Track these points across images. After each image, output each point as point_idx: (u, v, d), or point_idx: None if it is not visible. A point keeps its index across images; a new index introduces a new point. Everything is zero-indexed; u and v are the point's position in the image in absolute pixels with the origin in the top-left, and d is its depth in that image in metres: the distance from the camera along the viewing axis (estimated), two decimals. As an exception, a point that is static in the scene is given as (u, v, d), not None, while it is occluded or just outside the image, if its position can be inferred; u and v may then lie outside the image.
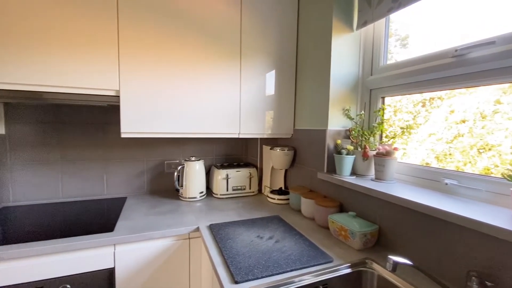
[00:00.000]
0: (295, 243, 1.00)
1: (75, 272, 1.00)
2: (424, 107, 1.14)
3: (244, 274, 0.78)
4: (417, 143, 1.16)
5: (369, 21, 1.20)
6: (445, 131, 1.05)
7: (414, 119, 1.17)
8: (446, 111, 1.05)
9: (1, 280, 0.92)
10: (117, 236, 1.05)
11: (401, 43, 1.23)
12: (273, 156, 1.54)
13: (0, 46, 1.03)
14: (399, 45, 1.24)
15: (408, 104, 1.21)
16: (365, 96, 1.31)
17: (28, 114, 1.43)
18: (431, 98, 1.11)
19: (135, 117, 1.23)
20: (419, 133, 1.13)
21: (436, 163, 1.07)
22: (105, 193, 1.61)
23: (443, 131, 1.06)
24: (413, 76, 1.04)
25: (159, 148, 1.73)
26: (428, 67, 0.98)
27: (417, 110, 1.17)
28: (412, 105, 1.19)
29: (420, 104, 1.16)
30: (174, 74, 1.29)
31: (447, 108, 1.05)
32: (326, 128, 1.26)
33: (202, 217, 1.27)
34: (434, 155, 1.08)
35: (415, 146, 1.16)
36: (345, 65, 1.28)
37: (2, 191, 1.41)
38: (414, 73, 1.03)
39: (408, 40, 1.21)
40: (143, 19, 1.21)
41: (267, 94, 1.50)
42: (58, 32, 1.10)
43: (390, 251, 0.97)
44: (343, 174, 1.18)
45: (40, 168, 1.47)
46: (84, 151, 1.55)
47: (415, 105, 1.18)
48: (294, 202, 1.38)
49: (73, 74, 1.13)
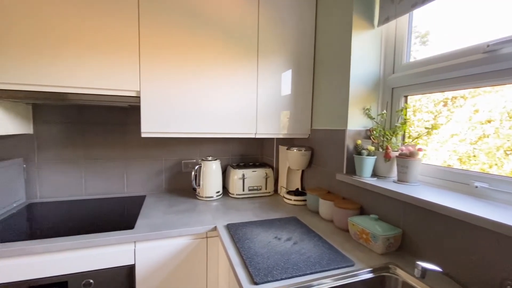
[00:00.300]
0: (314, 245, 0.97)
1: (97, 268, 1.03)
2: (445, 107, 1.09)
3: (263, 275, 0.77)
4: (438, 144, 1.11)
5: (392, 17, 1.16)
6: (469, 132, 0.99)
7: (435, 119, 1.12)
8: (470, 111, 1.00)
9: (29, 274, 0.96)
10: (137, 233, 1.07)
11: (421, 40, 1.18)
12: (289, 156, 1.52)
13: (27, 51, 1.08)
14: (418, 42, 1.19)
15: (428, 104, 1.16)
16: (386, 95, 1.26)
17: (54, 114, 1.50)
18: (453, 97, 1.06)
19: (154, 117, 1.26)
20: (440, 134, 1.08)
21: (458, 165, 1.02)
22: (125, 191, 1.65)
23: (466, 131, 1.00)
24: (440, 73, 0.99)
25: (176, 147, 1.75)
26: (457, 64, 0.93)
27: (438, 110, 1.12)
28: (433, 105, 1.14)
29: (442, 103, 1.11)
30: (192, 75, 1.30)
31: (471, 108, 0.99)
32: (346, 128, 1.23)
33: (219, 217, 1.28)
34: (457, 156, 1.03)
35: (435, 147, 1.11)
36: (366, 63, 1.25)
37: (30, 188, 1.48)
38: (441, 70, 0.98)
39: (428, 37, 1.16)
40: (162, 21, 1.23)
41: (284, 93, 1.48)
42: (81, 36, 1.14)
43: (415, 256, 0.93)
44: (363, 176, 1.15)
45: (64, 166, 1.53)
46: (105, 150, 1.60)
47: (436, 104, 1.13)
48: (312, 204, 1.36)
49: (96, 75, 1.17)
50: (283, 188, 1.68)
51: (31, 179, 1.48)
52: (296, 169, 1.55)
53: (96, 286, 1.03)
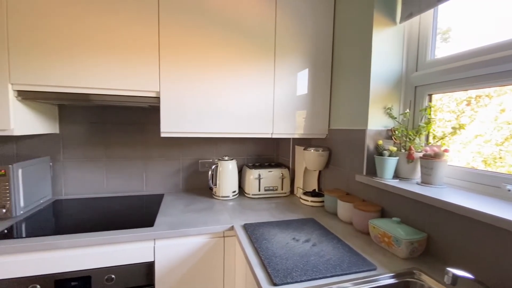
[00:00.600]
0: (333, 248, 0.95)
1: (119, 264, 1.06)
2: (469, 106, 1.04)
3: (282, 277, 0.76)
4: (461, 145, 1.06)
5: (415, 13, 1.12)
6: (494, 132, 0.94)
7: (457, 118, 1.07)
8: (496, 110, 0.94)
9: (54, 268, 1.00)
10: (157, 231, 1.09)
11: (442, 37, 1.13)
12: (306, 156, 1.50)
13: (55, 54, 1.13)
14: (439, 39, 1.14)
15: (450, 103, 1.11)
16: (409, 93, 1.22)
17: (78, 115, 1.56)
18: (477, 95, 1.01)
19: (173, 117, 1.28)
20: (463, 134, 1.03)
21: (483, 167, 0.96)
22: (144, 189, 1.69)
23: (492, 132, 0.95)
24: (468, 70, 0.95)
25: (193, 147, 1.78)
26: (488, 61, 0.88)
27: (461, 109, 1.07)
28: (455, 104, 1.09)
29: (465, 102, 1.05)
30: (210, 75, 1.31)
31: (497, 107, 0.94)
32: (366, 128, 1.20)
33: (235, 216, 1.28)
34: (481, 158, 0.98)
35: (458, 148, 1.06)
36: (387, 61, 1.21)
37: (56, 185, 1.55)
38: (470, 67, 0.94)
39: (450, 33, 1.11)
40: (181, 22, 1.25)
41: (301, 93, 1.47)
42: (105, 40, 1.18)
43: (441, 262, 0.89)
44: (384, 177, 1.11)
45: (87, 165, 1.59)
46: (126, 149, 1.64)
47: (458, 103, 1.08)
48: (330, 205, 1.33)
49: (118, 77, 1.20)
50: (299, 189, 1.66)
51: (57, 176, 1.54)
52: (313, 169, 1.53)
53: (117, 281, 1.06)
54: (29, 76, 1.11)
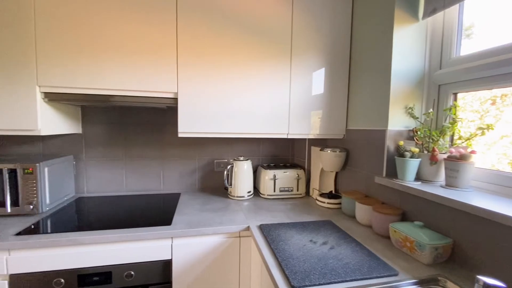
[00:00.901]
0: (352, 251, 0.93)
1: (138, 261, 1.09)
2: (494, 105, 0.99)
3: (300, 279, 0.75)
4: (485, 146, 1.00)
5: (440, 8, 1.07)
6: None
7: (481, 118, 1.02)
8: None
9: (77, 263, 1.04)
10: (174, 229, 1.11)
11: (464, 33, 1.09)
12: (323, 157, 1.48)
13: (78, 58, 1.17)
14: (462, 35, 1.09)
15: (473, 102, 1.06)
16: (432, 92, 1.17)
17: (99, 115, 1.61)
18: (503, 94, 0.96)
19: (191, 118, 1.30)
20: (487, 135, 0.97)
21: (510, 169, 0.91)
22: (161, 188, 1.73)
23: None
24: (498, 67, 0.89)
25: (209, 147, 1.79)
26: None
27: (485, 109, 1.02)
28: (479, 103, 1.04)
29: (489, 101, 1.00)
30: (227, 76, 1.32)
31: None
32: (386, 129, 1.16)
33: (251, 217, 1.28)
34: (508, 160, 0.93)
35: (482, 149, 1.01)
36: (408, 59, 1.17)
37: (78, 183, 1.61)
38: (500, 64, 0.88)
39: (473, 29, 1.06)
40: (199, 24, 1.27)
41: (318, 93, 1.44)
42: (126, 43, 1.21)
43: (468, 269, 0.84)
44: (406, 179, 1.07)
45: (108, 164, 1.64)
46: (144, 149, 1.68)
47: (482, 102, 1.02)
48: (348, 207, 1.30)
49: (138, 78, 1.23)
50: (315, 190, 1.63)
51: (79, 175, 1.61)
52: (330, 170, 1.50)
53: (136, 278, 1.09)
54: (56, 79, 1.16)
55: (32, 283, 1.01)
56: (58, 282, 1.02)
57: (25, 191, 1.20)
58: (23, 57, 1.13)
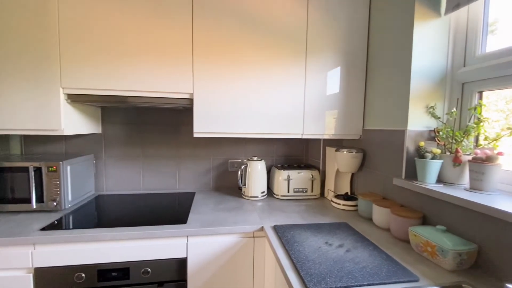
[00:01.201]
0: (370, 255, 0.90)
1: (155, 258, 1.11)
2: None
3: (316, 282, 0.74)
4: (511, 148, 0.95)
5: (463, 3, 1.02)
6: None
7: (506, 118, 0.97)
8: None
9: (97, 258, 1.07)
10: (190, 228, 1.12)
11: (488, 29, 1.04)
12: (339, 158, 1.45)
13: (100, 60, 1.22)
14: None
15: (498, 101, 1.01)
16: (455, 91, 1.12)
17: (118, 116, 1.66)
18: None
19: (206, 118, 1.31)
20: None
21: None
22: (177, 187, 1.76)
23: None
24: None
25: (223, 147, 1.81)
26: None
27: (511, 108, 0.96)
28: (504, 102, 0.98)
29: None
30: (242, 76, 1.32)
31: None
32: (405, 129, 1.12)
33: (265, 217, 1.27)
34: None
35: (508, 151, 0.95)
36: (430, 56, 1.12)
37: (98, 181, 1.66)
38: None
39: (497, 25, 1.01)
40: (214, 25, 1.28)
41: (333, 92, 1.42)
42: (143, 46, 1.24)
43: (494, 277, 0.80)
44: (427, 181, 1.03)
45: (126, 163, 1.69)
46: (160, 149, 1.72)
47: (508, 102, 0.98)
48: (364, 210, 1.27)
49: (155, 80, 1.26)
50: (330, 191, 1.60)
51: (99, 173, 1.66)
52: (346, 172, 1.47)
53: (153, 274, 1.11)
54: (78, 81, 1.21)
55: (55, 277, 1.05)
56: (80, 277, 1.06)
57: (49, 188, 1.26)
58: (48, 61, 1.19)
